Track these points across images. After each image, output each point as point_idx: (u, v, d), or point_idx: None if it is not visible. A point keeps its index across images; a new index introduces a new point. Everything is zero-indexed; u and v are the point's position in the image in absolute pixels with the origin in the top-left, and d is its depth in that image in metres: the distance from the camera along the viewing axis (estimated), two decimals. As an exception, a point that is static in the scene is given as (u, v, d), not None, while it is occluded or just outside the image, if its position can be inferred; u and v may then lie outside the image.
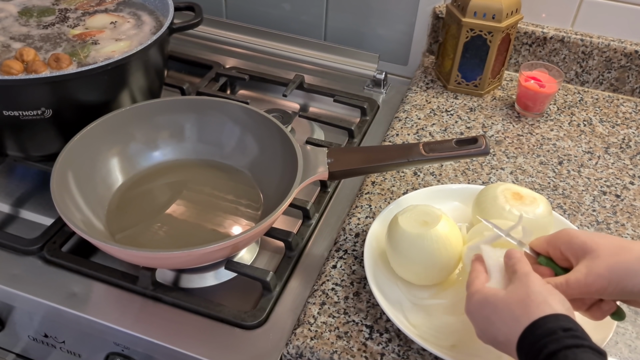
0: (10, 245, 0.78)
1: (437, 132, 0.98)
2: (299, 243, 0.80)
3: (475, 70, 1.05)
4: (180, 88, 1.04)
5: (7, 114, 0.76)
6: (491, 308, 0.53)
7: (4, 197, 0.87)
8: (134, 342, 0.71)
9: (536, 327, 0.49)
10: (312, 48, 1.17)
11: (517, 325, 0.50)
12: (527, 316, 0.50)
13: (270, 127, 0.82)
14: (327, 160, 0.77)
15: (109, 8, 0.96)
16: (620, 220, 0.83)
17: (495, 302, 0.53)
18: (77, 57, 0.84)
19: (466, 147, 0.74)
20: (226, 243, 0.65)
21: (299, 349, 0.67)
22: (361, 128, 1.01)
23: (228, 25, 1.22)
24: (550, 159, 0.94)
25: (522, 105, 1.03)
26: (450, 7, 1.03)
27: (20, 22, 0.91)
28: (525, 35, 1.09)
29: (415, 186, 0.87)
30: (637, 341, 0.68)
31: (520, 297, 0.52)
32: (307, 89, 1.08)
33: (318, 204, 0.86)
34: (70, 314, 0.72)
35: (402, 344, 0.67)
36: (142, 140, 0.86)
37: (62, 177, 0.74)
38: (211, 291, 0.75)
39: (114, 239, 0.76)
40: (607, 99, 1.08)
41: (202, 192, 0.84)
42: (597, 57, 1.07)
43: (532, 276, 0.53)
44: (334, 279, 0.74)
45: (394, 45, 1.16)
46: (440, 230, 0.67)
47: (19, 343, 0.84)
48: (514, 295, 0.52)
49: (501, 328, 0.52)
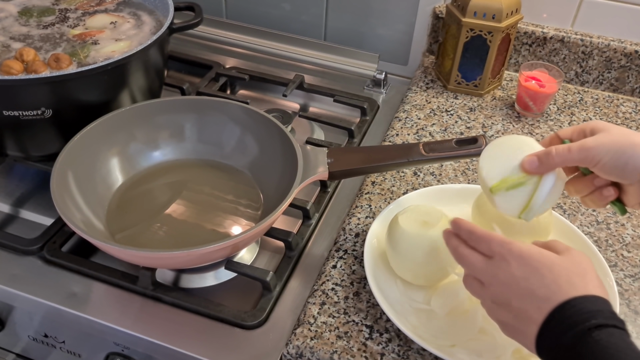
0: (10, 245, 0.78)
1: (437, 132, 0.98)
2: (299, 243, 0.80)
3: (475, 70, 1.05)
4: (180, 88, 1.04)
5: (7, 114, 0.76)
6: (547, 264, 0.52)
7: (4, 197, 0.87)
8: (134, 342, 0.71)
9: (585, 301, 0.49)
10: (312, 48, 1.17)
11: (570, 290, 0.50)
12: (582, 289, 0.50)
13: (270, 127, 0.82)
14: (327, 160, 0.77)
15: (109, 8, 0.96)
16: (620, 220, 0.83)
17: (552, 262, 0.52)
18: (77, 57, 0.84)
19: (466, 147, 0.74)
20: (226, 243, 0.65)
21: (299, 349, 0.67)
22: (361, 128, 1.01)
23: (228, 25, 1.22)
24: (550, 159, 0.94)
25: (522, 105, 1.03)
26: (450, 7, 1.03)
27: (20, 22, 0.91)
28: (525, 35, 1.09)
29: (415, 186, 0.87)
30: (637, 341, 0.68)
31: (581, 271, 0.52)
32: (307, 89, 1.08)
33: (318, 204, 0.86)
34: (70, 314, 0.72)
35: (402, 344, 0.67)
36: (142, 140, 0.86)
37: (62, 177, 0.74)
38: (211, 291, 0.75)
39: (114, 239, 0.76)
40: (607, 99, 1.08)
41: (202, 192, 0.84)
42: (597, 57, 1.07)
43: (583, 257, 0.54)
44: (334, 279, 0.74)
45: (394, 45, 1.16)
46: (440, 230, 0.67)
47: (19, 343, 0.84)
48: (575, 267, 0.52)
49: (550, 286, 0.51)
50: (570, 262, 0.53)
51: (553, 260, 0.52)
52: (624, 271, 0.76)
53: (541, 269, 0.52)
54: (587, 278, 0.51)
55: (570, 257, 0.53)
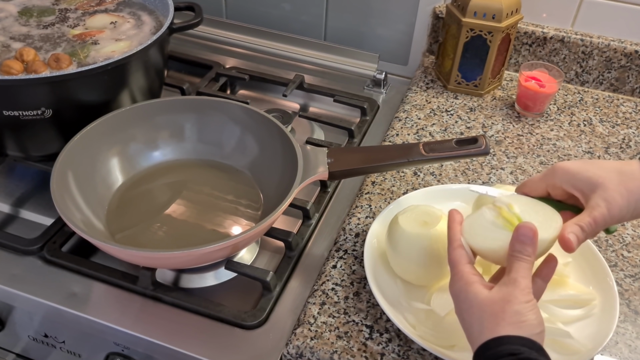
0: (10, 245, 0.78)
1: (437, 132, 0.98)
2: (299, 243, 0.80)
3: (475, 70, 1.05)
4: (180, 88, 1.04)
5: (7, 114, 0.76)
6: (467, 305, 0.53)
7: (4, 197, 0.87)
8: (134, 342, 0.71)
9: (491, 347, 0.49)
10: (312, 48, 1.17)
11: (480, 334, 0.51)
12: (491, 332, 0.50)
13: (270, 127, 0.82)
14: (327, 160, 0.77)
15: (109, 8, 0.96)
16: (620, 220, 0.83)
17: (472, 302, 0.53)
18: (77, 57, 0.84)
19: (466, 147, 0.74)
20: (226, 243, 0.65)
21: (299, 349, 0.67)
22: (361, 128, 1.01)
23: (228, 25, 1.22)
24: (550, 159, 0.94)
25: (522, 105, 1.03)
26: (450, 7, 1.03)
27: (20, 22, 0.91)
28: (525, 35, 1.09)
29: (415, 186, 0.87)
30: (637, 341, 0.68)
31: (495, 311, 0.51)
32: (307, 89, 1.08)
33: (318, 204, 0.86)
34: (70, 314, 0.72)
35: (402, 344, 0.67)
36: (142, 140, 0.86)
37: (62, 177, 0.74)
38: (211, 291, 0.75)
39: (114, 239, 0.76)
40: (607, 99, 1.08)
41: (202, 192, 0.84)
42: (597, 57, 1.07)
43: (518, 290, 0.52)
44: (334, 279, 0.74)
45: (394, 45, 1.16)
46: (440, 230, 0.67)
47: (19, 343, 0.84)
48: (492, 307, 0.52)
49: (468, 328, 0.53)
50: (490, 300, 0.52)
51: (472, 302, 0.53)
52: (624, 271, 0.76)
53: (465, 310, 0.54)
54: (499, 317, 0.51)
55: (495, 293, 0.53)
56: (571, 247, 0.55)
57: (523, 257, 0.54)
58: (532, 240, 0.54)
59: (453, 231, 0.59)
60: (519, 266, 0.53)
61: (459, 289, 0.55)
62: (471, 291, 0.53)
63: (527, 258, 0.54)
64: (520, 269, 0.53)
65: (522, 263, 0.54)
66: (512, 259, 0.54)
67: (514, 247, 0.55)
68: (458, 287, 0.55)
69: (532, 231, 0.54)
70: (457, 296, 0.55)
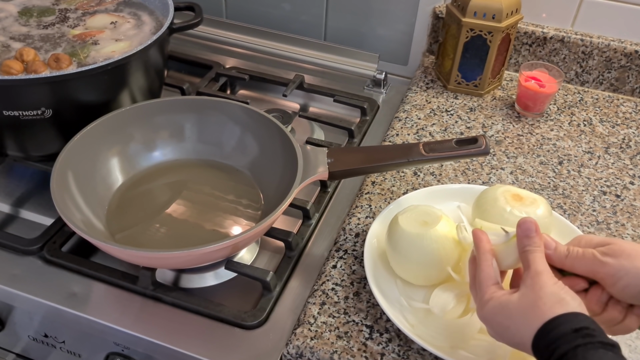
0: (10, 245, 0.78)
1: (437, 132, 0.98)
2: (299, 243, 0.80)
3: (475, 70, 1.05)
4: (180, 88, 1.04)
5: (7, 114, 0.76)
6: (506, 314, 0.53)
7: (4, 197, 0.87)
8: (134, 342, 0.71)
9: (548, 330, 0.49)
10: (312, 48, 1.17)
11: (530, 329, 0.51)
12: (539, 319, 0.50)
13: (270, 127, 0.82)
14: (327, 160, 0.77)
15: (109, 8, 0.96)
16: (620, 220, 0.83)
17: (509, 308, 0.53)
18: (77, 57, 0.84)
19: (466, 147, 0.74)
20: (226, 243, 0.65)
21: (299, 349, 0.67)
22: (361, 128, 1.01)
23: (228, 25, 1.22)
24: (550, 159, 0.94)
25: (522, 105, 1.03)
26: (450, 7, 1.03)
27: (20, 22, 0.91)
28: (525, 35, 1.09)
29: (415, 186, 0.87)
30: (637, 341, 0.68)
31: (532, 301, 0.52)
32: (307, 89, 1.08)
33: (318, 204, 0.86)
34: (70, 314, 0.72)
35: (402, 344, 0.67)
36: (142, 140, 0.86)
37: (62, 177, 0.74)
38: (211, 291, 0.75)
39: (114, 239, 0.76)
40: (607, 99, 1.08)
41: (202, 192, 0.84)
42: (597, 57, 1.07)
43: (544, 276, 0.53)
44: (334, 279, 0.74)
45: (394, 45, 1.16)
46: (440, 230, 0.67)
47: (19, 343, 0.84)
48: (526, 300, 0.52)
49: (516, 333, 0.53)
50: (524, 297, 0.53)
51: (509, 309, 0.53)
52: (624, 271, 0.76)
53: (506, 319, 0.53)
54: (538, 304, 0.51)
55: (524, 290, 0.53)
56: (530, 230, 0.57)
57: (534, 248, 0.56)
58: (536, 231, 0.56)
59: (483, 253, 0.59)
60: (533, 258, 0.55)
61: (492, 307, 0.55)
62: (503, 301, 0.54)
63: (538, 248, 0.56)
64: (536, 259, 0.55)
65: (535, 254, 0.55)
66: (525, 254, 0.56)
67: (522, 243, 0.56)
68: (490, 306, 0.55)
69: (533, 224, 0.57)
70: (495, 312, 0.54)
